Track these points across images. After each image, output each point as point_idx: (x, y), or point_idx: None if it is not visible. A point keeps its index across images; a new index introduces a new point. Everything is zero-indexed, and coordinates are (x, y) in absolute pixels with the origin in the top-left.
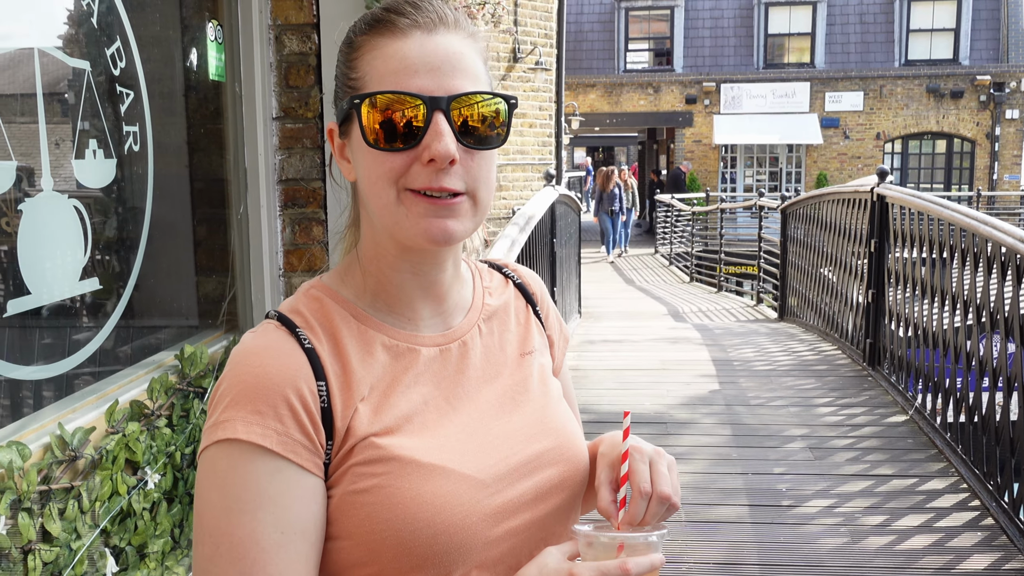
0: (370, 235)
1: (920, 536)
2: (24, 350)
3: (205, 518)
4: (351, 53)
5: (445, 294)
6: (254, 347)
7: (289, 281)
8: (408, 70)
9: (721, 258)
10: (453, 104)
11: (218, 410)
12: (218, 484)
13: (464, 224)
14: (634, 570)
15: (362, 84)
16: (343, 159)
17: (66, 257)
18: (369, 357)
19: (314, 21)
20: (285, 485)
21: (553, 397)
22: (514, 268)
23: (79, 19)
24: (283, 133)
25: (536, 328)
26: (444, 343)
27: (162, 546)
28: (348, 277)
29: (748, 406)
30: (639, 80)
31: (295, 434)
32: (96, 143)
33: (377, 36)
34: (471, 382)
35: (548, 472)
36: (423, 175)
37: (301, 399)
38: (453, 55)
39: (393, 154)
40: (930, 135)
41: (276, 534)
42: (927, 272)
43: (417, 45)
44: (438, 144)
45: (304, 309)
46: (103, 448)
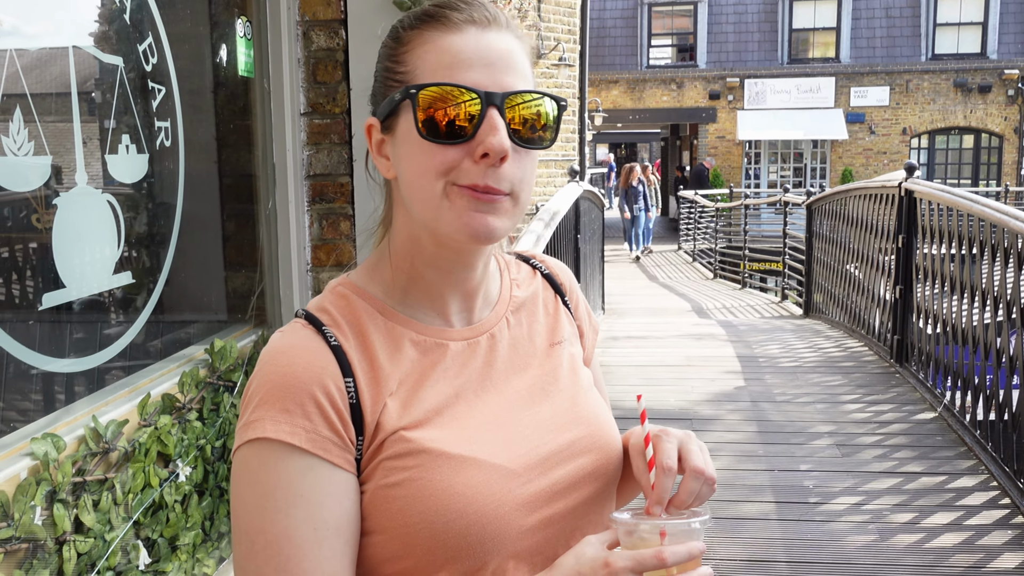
0: (405, 232)
1: (949, 534)
2: (58, 343)
3: (240, 517)
4: (398, 48)
5: (475, 290)
6: (281, 346)
7: (317, 276)
8: (463, 64)
9: (745, 254)
10: (507, 101)
11: (248, 410)
12: (251, 483)
13: (504, 222)
14: (671, 559)
15: (412, 78)
16: (381, 156)
17: (100, 251)
18: (397, 353)
19: (342, 17)
20: (317, 482)
21: (584, 386)
22: (542, 259)
23: (112, 16)
24: (311, 129)
25: (565, 318)
26: (472, 336)
27: (193, 538)
28: (376, 274)
29: (774, 402)
30: (662, 76)
31: (324, 431)
32: (129, 138)
33: (429, 30)
34: (500, 374)
35: (581, 460)
36: (473, 171)
37: (328, 396)
38: (506, 53)
39: (445, 147)
40: (957, 130)
41: (310, 531)
42: (956, 267)
43: (472, 40)
44: (493, 139)
45: (331, 307)
46: (136, 441)
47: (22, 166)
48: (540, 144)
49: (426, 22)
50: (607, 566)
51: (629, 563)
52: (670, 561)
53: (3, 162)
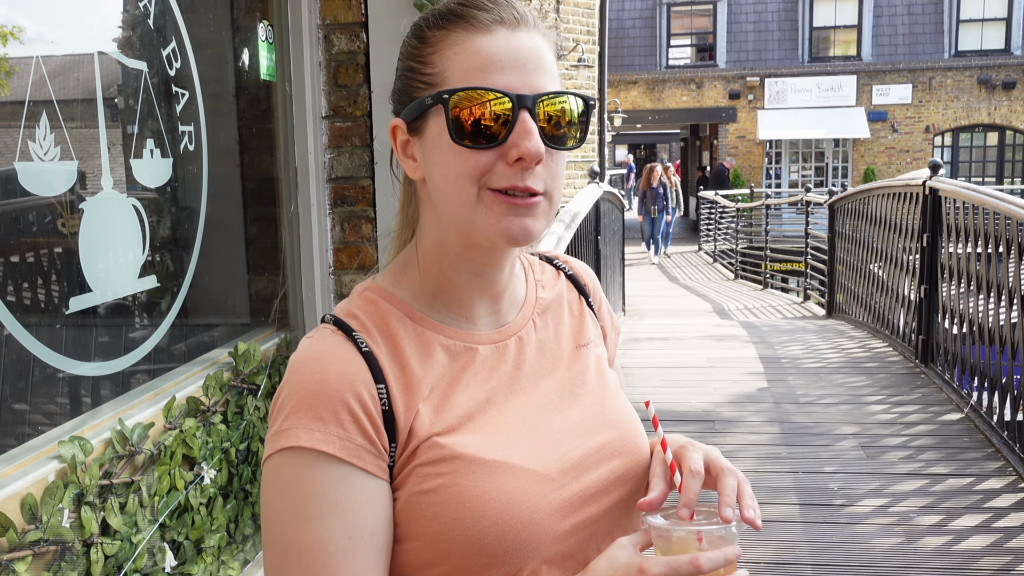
0: (433, 234)
1: (977, 536)
2: (85, 347)
3: (273, 525)
4: (424, 48)
5: (502, 292)
6: (311, 353)
7: (339, 279)
8: (495, 66)
9: (767, 254)
10: (538, 103)
11: (279, 418)
12: (284, 492)
13: (540, 223)
14: (706, 565)
15: (441, 80)
16: (407, 157)
17: (126, 255)
18: (428, 358)
19: (362, 20)
20: (350, 490)
21: (611, 388)
22: (565, 260)
23: (136, 21)
24: (332, 132)
25: (590, 319)
26: (500, 340)
27: (218, 541)
28: (403, 277)
29: (797, 404)
30: (681, 76)
31: (357, 439)
32: (153, 143)
33: (457, 31)
34: (529, 377)
35: (612, 464)
36: (508, 174)
37: (361, 403)
38: (536, 53)
39: (478, 152)
40: (981, 127)
41: (344, 539)
42: (982, 266)
43: (502, 41)
44: (527, 143)
45: (359, 312)
46: (161, 444)
47: (48, 171)
48: (570, 144)
49: (453, 22)
50: (641, 572)
51: (664, 569)
52: (706, 568)
53: (30, 167)
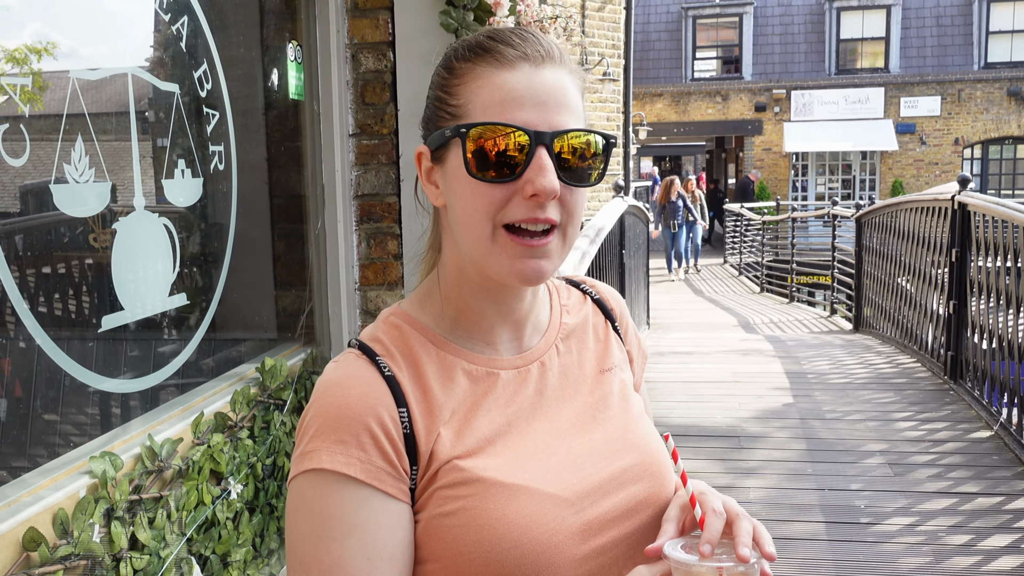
0: (453, 261)
1: (1008, 557)
2: (115, 363)
3: (296, 546)
4: (451, 79)
5: (524, 319)
6: (336, 378)
7: (364, 295)
8: (515, 102)
9: (793, 268)
10: (556, 139)
11: (304, 440)
12: (306, 513)
13: (554, 263)
14: None
15: (464, 112)
16: (430, 183)
17: (157, 273)
18: (449, 382)
19: (390, 39)
20: (370, 512)
21: (635, 413)
22: (592, 284)
23: (169, 43)
24: (359, 149)
25: (616, 344)
26: (522, 365)
27: (244, 555)
28: (427, 304)
29: (823, 420)
30: (707, 88)
31: (378, 462)
32: (184, 163)
33: (483, 64)
34: (551, 402)
35: (633, 488)
36: (523, 208)
37: (383, 427)
38: (558, 90)
39: (493, 186)
40: (1011, 140)
41: (363, 560)
42: (1012, 281)
43: (525, 77)
44: (542, 179)
45: (384, 337)
46: (189, 459)
47: (82, 191)
48: (588, 180)
49: (480, 55)
50: None
51: None
52: None
53: (64, 188)
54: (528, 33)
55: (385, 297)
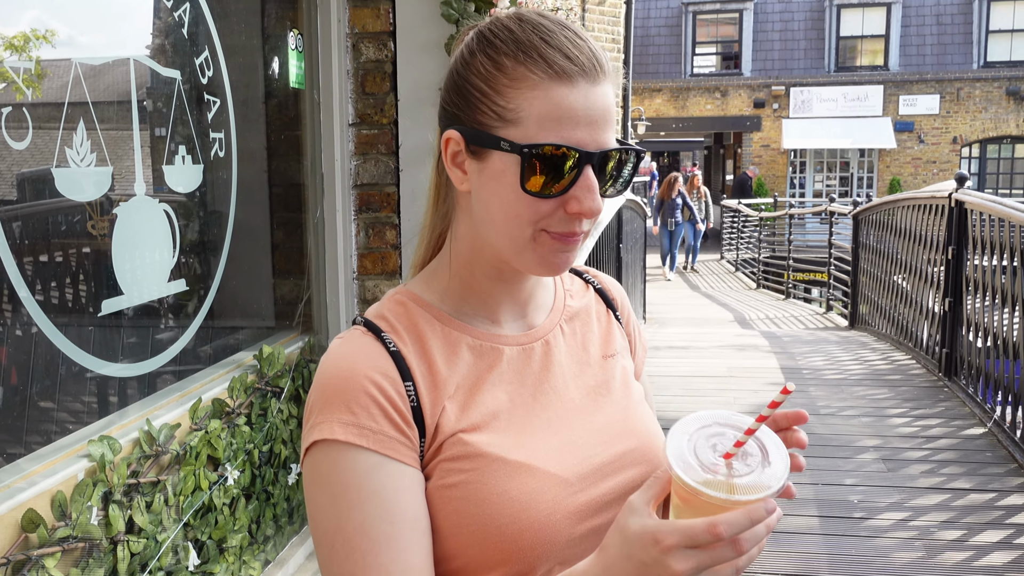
0: (467, 240)
1: (999, 552)
2: (114, 348)
3: (318, 519)
4: (500, 76)
5: (529, 297)
6: (342, 352)
7: (363, 284)
8: (571, 121)
9: (789, 264)
10: (601, 159)
11: (313, 414)
12: (323, 484)
13: (578, 256)
14: (726, 532)
15: (516, 118)
16: (455, 166)
17: (156, 259)
18: (454, 357)
19: (390, 29)
20: (387, 478)
21: (635, 399)
22: (595, 274)
23: (170, 30)
24: (359, 139)
25: (618, 331)
26: (527, 342)
27: (240, 541)
28: (434, 282)
29: (818, 415)
30: (706, 84)
31: (389, 431)
32: (185, 149)
33: (539, 72)
34: (555, 381)
35: (631, 473)
36: (564, 222)
37: (390, 399)
38: (608, 109)
39: (541, 200)
40: (1010, 139)
41: (385, 525)
42: (1008, 280)
43: (582, 97)
44: (590, 201)
45: (388, 314)
46: (187, 444)
47: (84, 176)
48: (618, 191)
49: (535, 61)
50: (657, 544)
51: (680, 539)
52: (726, 535)
53: (66, 173)
54: (580, 39)
55: (383, 286)
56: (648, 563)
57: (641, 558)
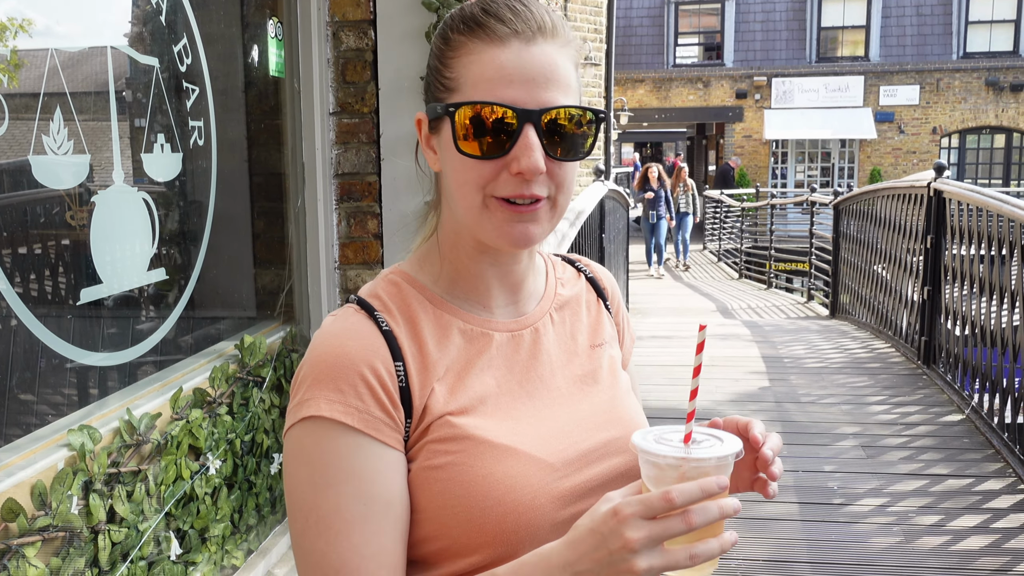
0: (451, 224)
1: (976, 537)
2: (94, 337)
3: (295, 494)
4: (446, 51)
5: (520, 283)
6: (334, 330)
7: (344, 273)
8: (503, 80)
9: (771, 254)
10: (544, 117)
11: (301, 390)
12: (304, 460)
13: (543, 227)
14: (679, 499)
15: (456, 86)
16: (429, 148)
17: (135, 248)
18: (445, 340)
19: (371, 17)
20: (367, 459)
21: (622, 388)
22: (587, 263)
23: (148, 18)
24: (340, 128)
25: (607, 320)
26: (517, 329)
27: (222, 530)
28: (426, 264)
29: (799, 403)
30: (688, 75)
31: (375, 411)
32: (163, 137)
33: (475, 40)
34: (543, 367)
35: (615, 460)
36: (511, 184)
37: (379, 379)
38: (548, 66)
39: (482, 162)
40: (989, 129)
41: (359, 506)
42: (985, 269)
43: (514, 55)
44: (528, 159)
45: (383, 293)
46: (168, 434)
47: (61, 165)
48: (577, 156)
49: (473, 30)
50: (615, 515)
51: (637, 508)
52: (679, 502)
53: (43, 161)
54: (522, 5)
55: (365, 276)
56: (606, 534)
57: (601, 530)
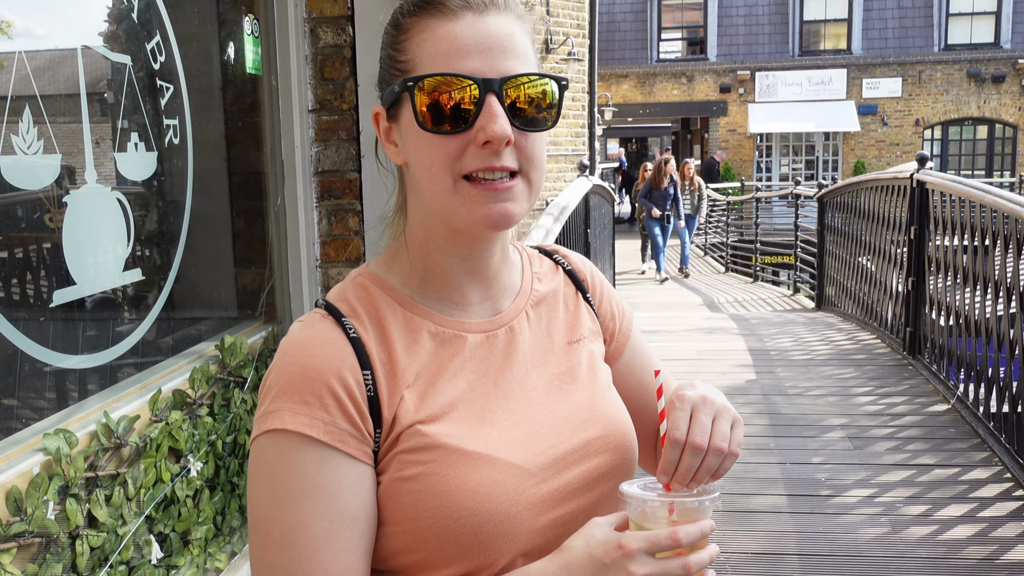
0: (419, 219)
1: (962, 526)
2: (70, 340)
3: (257, 507)
4: (398, 35)
5: (494, 277)
6: (300, 338)
7: (326, 272)
8: (460, 52)
9: (757, 248)
10: (505, 85)
11: (267, 400)
12: (268, 474)
13: (521, 205)
14: (684, 539)
15: (412, 67)
16: (389, 143)
17: (110, 249)
18: (415, 345)
19: (348, 14)
20: (333, 474)
21: (602, 384)
22: (564, 254)
23: (120, 15)
24: (319, 125)
25: (587, 315)
26: (491, 329)
27: (205, 533)
28: (395, 264)
29: (786, 396)
30: (672, 70)
31: (341, 423)
32: (137, 136)
33: (427, 17)
34: (518, 368)
35: (596, 460)
36: (479, 157)
37: (347, 389)
38: (504, 36)
39: (447, 137)
40: (971, 121)
41: (325, 522)
42: (969, 259)
43: (468, 26)
44: (493, 125)
45: (352, 297)
46: (147, 436)
47: (32, 165)
48: (543, 125)
49: (424, 9)
50: (620, 548)
51: (643, 544)
52: (684, 541)
53: (13, 161)
54: None
55: (346, 274)
56: (608, 564)
57: (602, 559)
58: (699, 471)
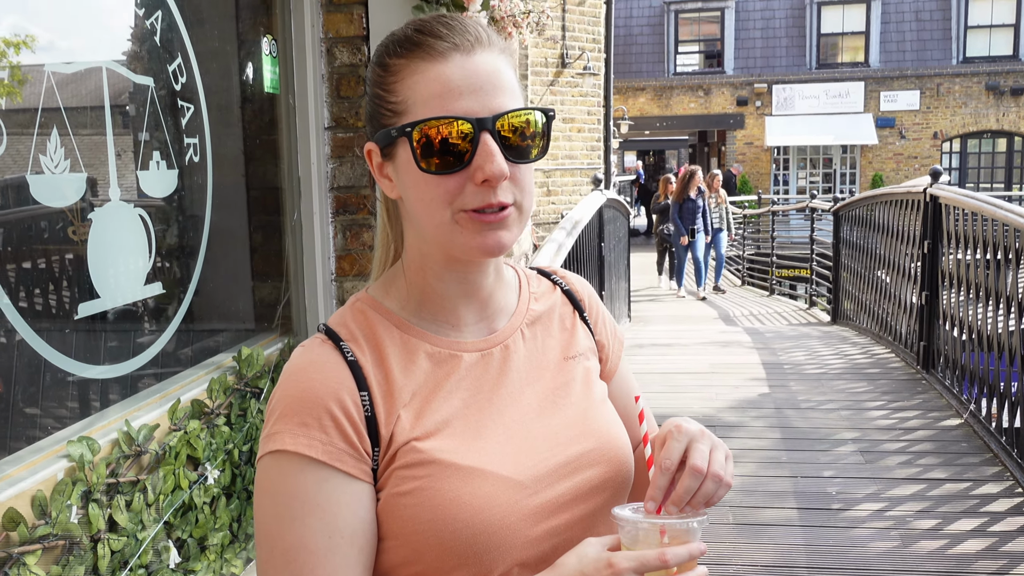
0: (415, 247)
1: (973, 540)
2: (93, 351)
3: (261, 525)
4: (387, 76)
5: (488, 298)
6: (301, 363)
7: (341, 286)
8: (452, 93)
9: (773, 261)
10: (497, 123)
11: (270, 423)
12: (270, 492)
13: (513, 233)
14: (672, 560)
15: (404, 108)
16: (384, 177)
17: (132, 263)
18: (411, 365)
19: (364, 34)
20: (332, 492)
21: (596, 400)
22: (563, 275)
23: (143, 37)
24: (334, 142)
25: (583, 333)
26: (486, 348)
27: (221, 539)
28: (392, 288)
29: (798, 409)
30: (689, 83)
31: (339, 443)
32: (159, 155)
33: (416, 60)
34: (513, 385)
35: (588, 473)
36: (478, 195)
37: (344, 410)
38: (492, 73)
39: (446, 177)
40: (990, 133)
41: (324, 539)
42: (982, 273)
43: (458, 67)
44: (491, 166)
45: (350, 322)
46: (166, 444)
47: (58, 183)
48: (533, 156)
49: (411, 51)
50: (610, 566)
51: (632, 563)
52: (672, 562)
53: (41, 179)
54: (454, 21)
55: (361, 288)
56: None
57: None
58: (696, 496)
